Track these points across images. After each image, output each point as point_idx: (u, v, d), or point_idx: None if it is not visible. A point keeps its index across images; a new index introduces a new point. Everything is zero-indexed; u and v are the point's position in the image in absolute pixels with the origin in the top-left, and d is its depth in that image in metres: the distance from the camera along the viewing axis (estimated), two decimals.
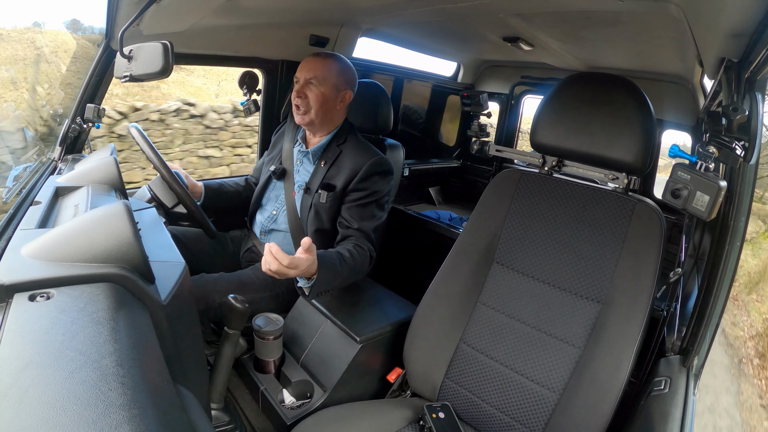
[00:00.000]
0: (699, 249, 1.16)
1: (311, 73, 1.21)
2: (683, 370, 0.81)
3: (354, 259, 1.14)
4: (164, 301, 0.49)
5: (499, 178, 1.04)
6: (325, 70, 1.22)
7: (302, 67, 1.23)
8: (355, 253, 1.15)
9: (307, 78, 1.21)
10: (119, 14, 1.05)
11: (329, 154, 1.27)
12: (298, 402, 1.05)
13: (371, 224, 1.22)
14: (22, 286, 0.43)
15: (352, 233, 1.21)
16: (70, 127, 1.23)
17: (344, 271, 1.09)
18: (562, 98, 0.95)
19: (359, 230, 1.21)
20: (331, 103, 1.24)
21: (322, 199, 1.24)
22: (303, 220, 1.27)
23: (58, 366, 0.33)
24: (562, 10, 1.21)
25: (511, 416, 0.90)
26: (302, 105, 1.22)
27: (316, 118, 1.23)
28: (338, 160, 1.26)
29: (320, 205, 1.24)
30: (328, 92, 1.23)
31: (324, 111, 1.24)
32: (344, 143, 1.28)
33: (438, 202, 2.75)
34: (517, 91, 2.55)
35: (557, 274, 0.92)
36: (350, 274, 1.12)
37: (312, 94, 1.21)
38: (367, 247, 1.19)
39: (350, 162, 1.24)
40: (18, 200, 0.81)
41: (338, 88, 1.24)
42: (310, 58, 1.24)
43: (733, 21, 0.61)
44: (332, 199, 1.24)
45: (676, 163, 0.72)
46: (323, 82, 1.22)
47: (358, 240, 1.20)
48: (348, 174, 1.23)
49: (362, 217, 1.21)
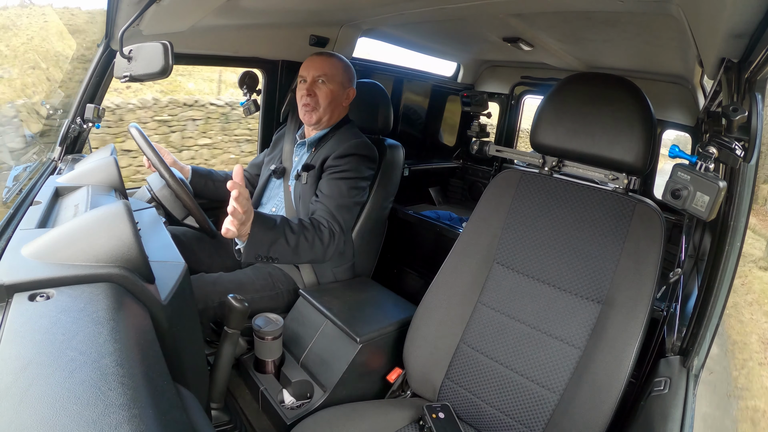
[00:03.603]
0: (699, 249, 1.16)
1: (319, 71, 1.22)
2: (683, 370, 0.81)
3: (305, 229, 1.06)
4: (164, 301, 0.49)
5: (499, 179, 1.04)
6: (333, 67, 1.23)
7: (308, 66, 1.23)
8: (308, 224, 1.08)
9: (315, 76, 1.22)
10: (119, 14, 1.05)
11: (322, 142, 1.28)
12: (298, 402, 1.05)
13: (338, 201, 1.15)
14: (22, 286, 0.43)
15: (317, 207, 1.15)
16: (70, 127, 1.23)
17: (290, 239, 1.01)
18: (562, 98, 0.95)
19: (322, 203, 1.15)
20: (338, 100, 1.26)
21: (303, 181, 1.22)
22: (297, 210, 1.27)
23: (58, 366, 0.33)
24: (563, 10, 1.21)
25: (511, 416, 0.90)
26: (311, 103, 1.22)
27: (324, 115, 1.24)
28: (326, 143, 1.26)
29: (303, 188, 1.22)
30: (337, 89, 1.24)
31: (332, 108, 1.25)
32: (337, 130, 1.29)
33: (438, 202, 2.75)
34: (517, 91, 2.55)
35: (557, 275, 0.92)
36: (300, 245, 1.04)
37: (321, 92, 1.22)
38: (327, 221, 1.12)
39: (334, 144, 1.24)
40: (18, 200, 0.81)
41: (344, 85, 1.26)
42: (315, 57, 1.25)
43: (733, 21, 0.61)
44: (312, 178, 1.21)
45: (676, 164, 0.72)
46: (332, 80, 1.22)
47: (320, 213, 1.14)
48: (328, 152, 1.22)
49: (330, 192, 1.16)
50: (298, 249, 1.04)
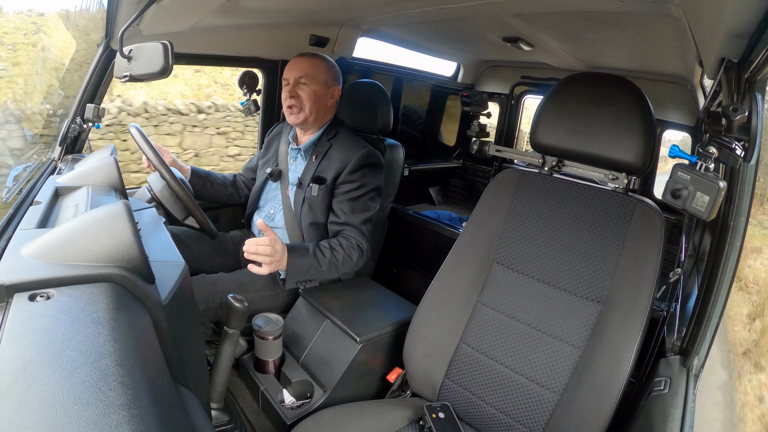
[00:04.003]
0: (699, 249, 1.16)
1: (301, 72, 1.22)
2: (683, 370, 0.81)
3: (335, 250, 1.15)
4: (164, 301, 0.49)
5: (499, 178, 1.04)
6: (314, 68, 1.24)
7: (290, 68, 1.24)
8: (337, 245, 1.16)
9: (297, 77, 1.22)
10: (119, 14, 1.05)
11: (320, 148, 1.28)
12: (298, 402, 1.05)
13: (360, 216, 1.23)
14: (22, 286, 0.43)
15: (341, 227, 1.22)
16: (70, 127, 1.23)
17: (323, 262, 1.11)
18: (562, 98, 0.95)
19: (347, 224, 1.21)
20: (322, 100, 1.26)
21: (314, 193, 1.25)
22: (297, 215, 1.28)
23: (58, 366, 0.33)
24: (563, 10, 1.21)
25: (511, 416, 0.90)
26: (296, 104, 1.23)
27: (310, 115, 1.25)
28: (329, 153, 1.27)
29: (312, 199, 1.25)
30: (320, 89, 1.24)
31: (317, 108, 1.25)
32: (334, 137, 1.29)
33: (438, 202, 2.75)
34: (517, 91, 2.55)
35: (557, 275, 0.92)
36: (333, 264, 1.13)
37: (304, 93, 1.23)
38: (355, 239, 1.19)
39: (340, 155, 1.25)
40: (18, 200, 0.81)
41: (328, 84, 1.26)
42: (296, 58, 1.26)
43: (733, 21, 0.61)
44: (324, 192, 1.25)
45: (676, 164, 0.72)
46: (314, 80, 1.23)
47: (347, 233, 1.21)
48: (338, 166, 1.24)
49: (352, 210, 1.22)
50: (332, 269, 1.14)
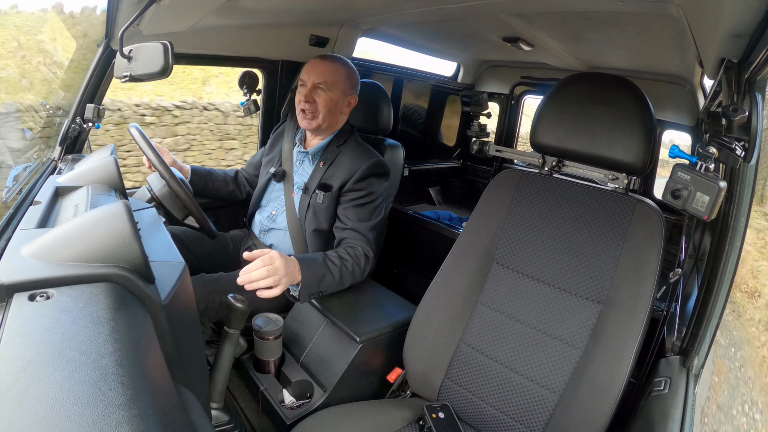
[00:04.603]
0: (699, 249, 1.16)
1: (320, 77, 1.19)
2: (683, 370, 0.81)
3: (344, 259, 1.14)
4: (164, 301, 0.49)
5: (499, 179, 1.04)
6: (335, 74, 1.20)
7: (309, 71, 1.21)
8: (344, 254, 1.15)
9: (316, 82, 1.19)
10: (119, 14, 1.05)
11: (328, 154, 1.26)
12: (298, 402, 1.05)
13: (367, 224, 1.22)
14: (22, 286, 0.43)
15: (347, 234, 1.21)
16: (70, 127, 1.23)
17: (334, 271, 1.10)
18: (562, 98, 0.95)
19: (353, 230, 1.20)
20: (338, 108, 1.23)
21: (319, 199, 1.24)
22: (301, 220, 1.27)
23: (58, 366, 0.33)
24: (563, 10, 1.21)
25: (511, 416, 0.90)
26: (310, 110, 1.20)
27: (323, 123, 1.22)
28: (337, 160, 1.25)
29: (317, 206, 1.24)
30: (337, 97, 1.21)
31: (331, 116, 1.23)
32: (344, 144, 1.27)
33: (438, 202, 2.75)
34: (517, 91, 2.55)
35: (557, 275, 0.92)
36: (343, 274, 1.12)
37: (321, 100, 1.20)
38: (361, 247, 1.19)
39: (348, 163, 1.23)
40: (18, 200, 0.81)
41: (345, 92, 1.23)
42: (317, 61, 1.22)
43: (733, 21, 0.61)
44: (329, 199, 1.23)
45: (676, 164, 0.72)
46: (332, 87, 1.20)
47: (353, 241, 1.19)
48: (345, 174, 1.22)
49: (358, 218, 1.21)
50: (342, 278, 1.13)
